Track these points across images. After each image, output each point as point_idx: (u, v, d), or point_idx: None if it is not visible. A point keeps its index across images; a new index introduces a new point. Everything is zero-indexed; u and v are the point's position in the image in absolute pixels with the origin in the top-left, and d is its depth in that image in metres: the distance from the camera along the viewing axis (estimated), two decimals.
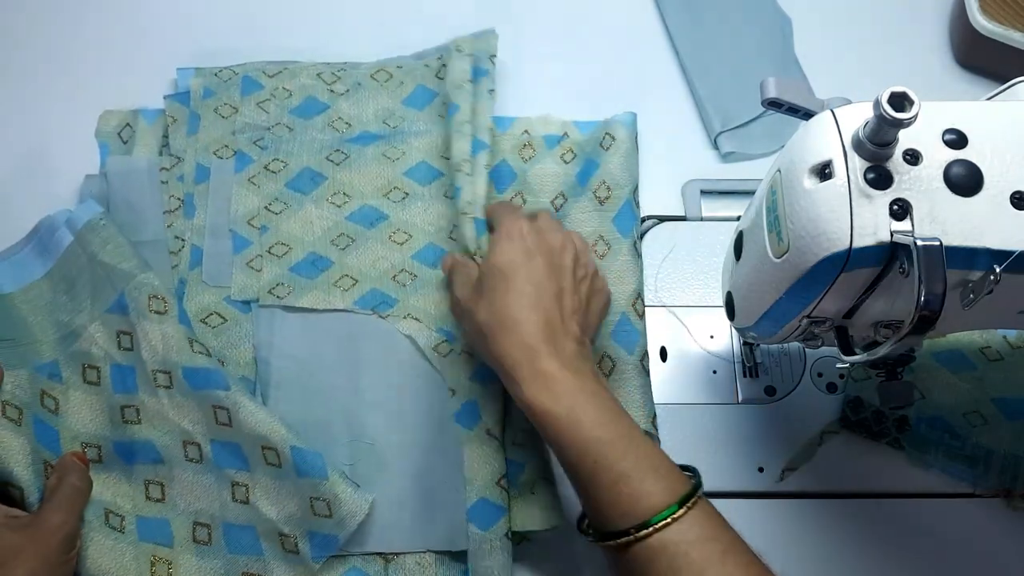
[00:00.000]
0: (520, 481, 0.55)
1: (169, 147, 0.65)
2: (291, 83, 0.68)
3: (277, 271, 0.61)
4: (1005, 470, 0.57)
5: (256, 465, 0.54)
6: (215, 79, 0.67)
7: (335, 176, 0.64)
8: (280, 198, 0.63)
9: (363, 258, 0.61)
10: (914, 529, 0.56)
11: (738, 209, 0.66)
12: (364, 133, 0.66)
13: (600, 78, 0.72)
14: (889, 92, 0.36)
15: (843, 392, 0.59)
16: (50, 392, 0.56)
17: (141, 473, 0.56)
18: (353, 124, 0.67)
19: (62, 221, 0.60)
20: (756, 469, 0.57)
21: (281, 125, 0.66)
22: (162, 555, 0.54)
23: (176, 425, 0.56)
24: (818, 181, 0.39)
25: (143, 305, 0.56)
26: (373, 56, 0.71)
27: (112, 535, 0.53)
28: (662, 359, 0.61)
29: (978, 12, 0.69)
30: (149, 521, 0.54)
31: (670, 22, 0.74)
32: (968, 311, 0.39)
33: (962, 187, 0.38)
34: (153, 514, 0.55)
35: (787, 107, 0.45)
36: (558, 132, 0.67)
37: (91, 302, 0.58)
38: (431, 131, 0.66)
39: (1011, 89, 0.44)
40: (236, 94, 0.67)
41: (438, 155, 0.65)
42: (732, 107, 0.69)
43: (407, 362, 0.58)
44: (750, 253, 0.47)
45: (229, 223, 0.62)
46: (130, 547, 0.53)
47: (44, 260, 0.60)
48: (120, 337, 0.57)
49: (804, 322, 0.45)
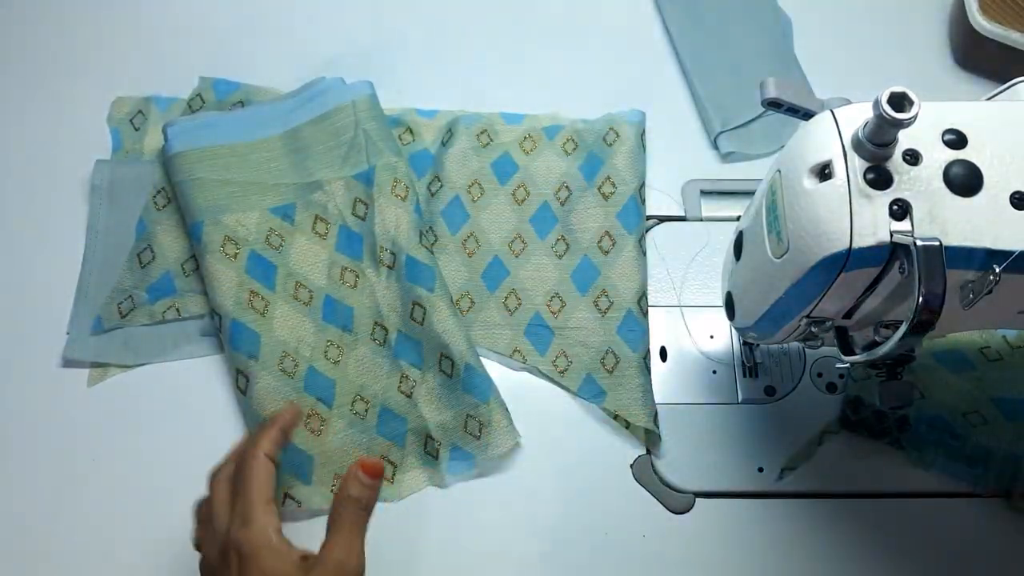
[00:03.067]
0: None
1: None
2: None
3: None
4: (1005, 470, 0.57)
5: (429, 368, 0.58)
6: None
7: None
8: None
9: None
10: (914, 529, 0.56)
11: (738, 209, 0.66)
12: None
13: (600, 78, 0.72)
14: (889, 92, 0.36)
15: (843, 392, 0.59)
16: (278, 231, 0.62)
17: (330, 332, 0.60)
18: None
19: (338, 85, 0.65)
20: (756, 469, 0.57)
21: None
22: (319, 411, 0.57)
23: (377, 304, 0.60)
24: (818, 181, 0.39)
25: (387, 184, 0.62)
26: (374, 54, 0.71)
27: (281, 378, 0.57)
28: (662, 359, 0.61)
29: (978, 12, 0.69)
30: (319, 376, 0.58)
31: (670, 22, 0.74)
32: (968, 311, 0.39)
33: (962, 187, 0.38)
34: (325, 372, 0.58)
35: (787, 107, 0.45)
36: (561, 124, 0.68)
37: (342, 162, 0.63)
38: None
39: (1011, 89, 0.44)
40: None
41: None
42: (732, 107, 0.69)
43: None
44: (750, 253, 0.47)
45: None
46: (293, 393, 0.57)
47: (310, 110, 0.65)
48: (356, 205, 0.62)
49: (804, 322, 0.45)
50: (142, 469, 0.57)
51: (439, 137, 0.67)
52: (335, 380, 0.58)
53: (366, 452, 0.57)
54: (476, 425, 0.57)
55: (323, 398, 0.58)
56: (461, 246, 0.63)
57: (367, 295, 0.61)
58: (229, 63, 0.70)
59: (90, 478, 0.57)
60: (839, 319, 0.44)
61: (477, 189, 0.65)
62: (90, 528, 0.55)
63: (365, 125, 0.64)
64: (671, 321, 0.62)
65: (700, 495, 0.57)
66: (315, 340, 0.59)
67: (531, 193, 0.65)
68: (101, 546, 0.55)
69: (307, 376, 0.58)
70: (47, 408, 0.58)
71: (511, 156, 0.66)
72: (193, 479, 0.49)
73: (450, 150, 0.66)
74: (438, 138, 0.67)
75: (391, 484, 0.56)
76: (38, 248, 0.64)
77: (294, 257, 0.61)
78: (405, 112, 0.68)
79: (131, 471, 0.57)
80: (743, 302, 0.49)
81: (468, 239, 0.64)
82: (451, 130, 0.67)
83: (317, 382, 0.58)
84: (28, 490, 0.56)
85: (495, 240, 0.64)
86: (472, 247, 0.63)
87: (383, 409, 0.58)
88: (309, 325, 0.59)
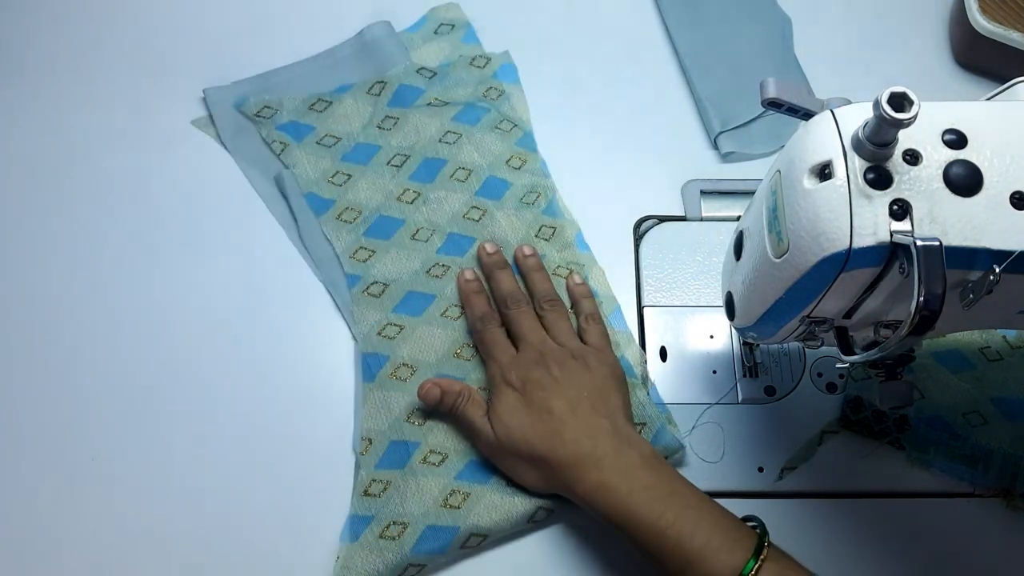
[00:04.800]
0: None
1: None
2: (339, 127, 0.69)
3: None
4: (1005, 470, 0.57)
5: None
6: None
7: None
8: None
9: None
10: (914, 529, 0.56)
11: (738, 209, 0.66)
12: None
13: (600, 78, 0.72)
14: (889, 92, 0.36)
15: (843, 392, 0.59)
16: (344, 171, 0.65)
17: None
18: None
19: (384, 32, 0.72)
20: (756, 469, 0.57)
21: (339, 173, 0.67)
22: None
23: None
24: (818, 181, 0.39)
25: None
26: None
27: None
28: (662, 359, 0.61)
29: (978, 12, 0.69)
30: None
31: (670, 22, 0.74)
32: (968, 311, 0.39)
33: (962, 187, 0.38)
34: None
35: (787, 107, 0.45)
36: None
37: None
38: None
39: (1011, 89, 0.44)
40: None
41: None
42: (732, 107, 0.69)
43: None
44: (750, 253, 0.47)
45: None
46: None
47: (360, 58, 0.71)
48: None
49: (804, 322, 0.45)
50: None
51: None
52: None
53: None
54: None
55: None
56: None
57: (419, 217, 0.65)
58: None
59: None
60: (839, 319, 0.44)
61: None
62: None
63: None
64: (671, 321, 0.62)
65: None
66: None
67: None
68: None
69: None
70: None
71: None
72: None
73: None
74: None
75: None
76: None
77: (351, 192, 0.65)
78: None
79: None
80: (743, 302, 0.49)
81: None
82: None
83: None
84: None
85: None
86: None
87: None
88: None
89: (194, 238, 0.65)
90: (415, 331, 0.60)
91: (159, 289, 0.63)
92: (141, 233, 0.65)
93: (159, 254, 0.64)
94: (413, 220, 0.64)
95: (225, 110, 0.69)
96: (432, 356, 0.59)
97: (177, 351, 0.61)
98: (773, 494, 0.57)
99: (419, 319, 0.61)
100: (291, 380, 0.60)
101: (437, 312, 0.61)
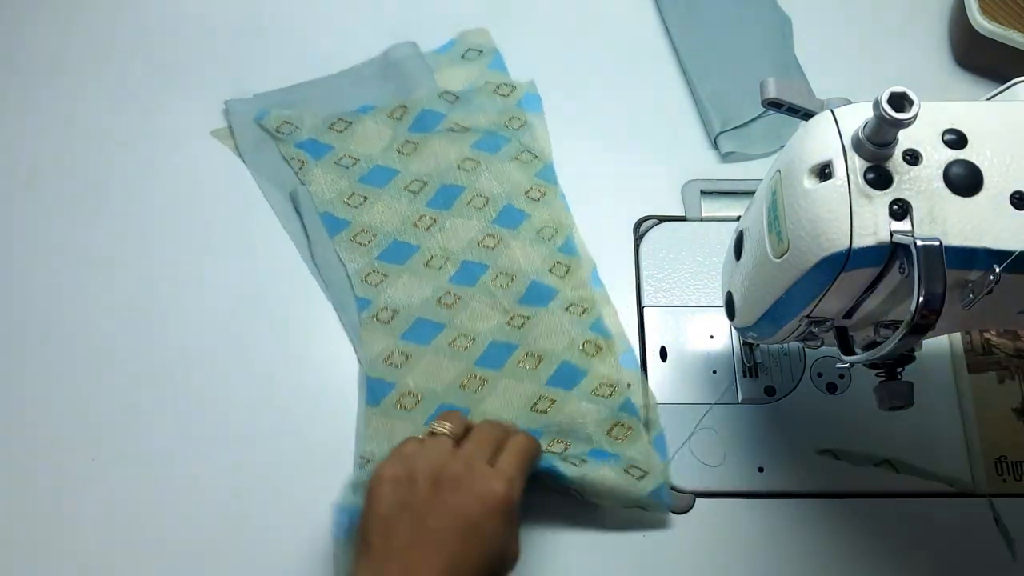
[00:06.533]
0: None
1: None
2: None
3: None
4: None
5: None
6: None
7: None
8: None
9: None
10: (913, 529, 0.56)
11: (738, 209, 0.66)
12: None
13: (600, 78, 0.72)
14: (889, 92, 0.36)
15: (843, 392, 0.59)
16: (361, 193, 0.65)
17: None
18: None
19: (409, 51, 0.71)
20: (756, 469, 0.57)
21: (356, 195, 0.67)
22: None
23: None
24: (818, 181, 0.39)
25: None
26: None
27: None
28: (662, 359, 0.61)
29: (978, 12, 0.69)
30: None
31: (670, 22, 0.74)
32: (968, 311, 0.39)
33: (962, 187, 0.38)
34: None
35: (787, 107, 0.45)
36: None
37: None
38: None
39: (1011, 89, 0.44)
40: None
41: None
42: (732, 107, 0.69)
43: None
44: (750, 253, 0.47)
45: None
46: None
47: (384, 78, 0.70)
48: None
49: (804, 322, 0.45)
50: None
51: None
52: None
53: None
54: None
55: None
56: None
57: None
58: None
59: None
60: (839, 319, 0.44)
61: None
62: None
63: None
64: (671, 321, 0.62)
65: (700, 495, 0.57)
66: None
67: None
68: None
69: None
70: None
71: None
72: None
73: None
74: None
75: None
76: None
77: (366, 216, 0.65)
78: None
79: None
80: (743, 302, 0.49)
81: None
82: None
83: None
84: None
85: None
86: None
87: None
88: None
89: (204, 249, 0.64)
90: (422, 360, 0.60)
91: (167, 297, 0.62)
92: (153, 242, 0.65)
93: (168, 263, 0.64)
94: (427, 247, 0.63)
95: (246, 123, 0.68)
96: (439, 385, 0.59)
97: (182, 359, 0.60)
98: (773, 494, 0.57)
99: (427, 347, 0.60)
100: (295, 392, 0.60)
101: (445, 341, 0.60)
